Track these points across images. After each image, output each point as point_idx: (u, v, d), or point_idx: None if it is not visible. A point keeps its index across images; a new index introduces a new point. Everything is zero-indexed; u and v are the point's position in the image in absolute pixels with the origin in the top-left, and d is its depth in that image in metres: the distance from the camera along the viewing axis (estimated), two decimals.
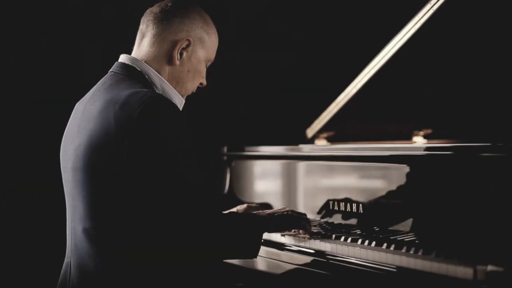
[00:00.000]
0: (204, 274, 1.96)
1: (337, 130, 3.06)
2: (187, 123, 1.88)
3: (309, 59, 3.79)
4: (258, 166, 2.87)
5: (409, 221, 2.10)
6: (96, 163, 1.85)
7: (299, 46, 3.83)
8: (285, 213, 2.12)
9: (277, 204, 2.71)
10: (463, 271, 1.64)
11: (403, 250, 1.88)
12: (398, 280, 1.83)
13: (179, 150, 1.84)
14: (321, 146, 3.01)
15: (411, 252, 1.85)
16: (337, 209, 2.37)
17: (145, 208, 1.82)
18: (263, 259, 2.32)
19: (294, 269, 2.22)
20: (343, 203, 2.33)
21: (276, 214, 2.10)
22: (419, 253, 1.83)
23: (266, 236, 2.31)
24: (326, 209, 2.43)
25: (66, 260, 1.97)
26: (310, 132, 3.05)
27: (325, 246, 2.11)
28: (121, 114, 1.83)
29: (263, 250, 2.29)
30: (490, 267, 1.60)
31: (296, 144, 2.75)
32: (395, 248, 1.92)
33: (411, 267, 1.79)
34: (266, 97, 3.75)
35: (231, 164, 2.95)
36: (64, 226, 2.01)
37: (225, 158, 2.96)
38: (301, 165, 2.63)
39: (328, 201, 2.41)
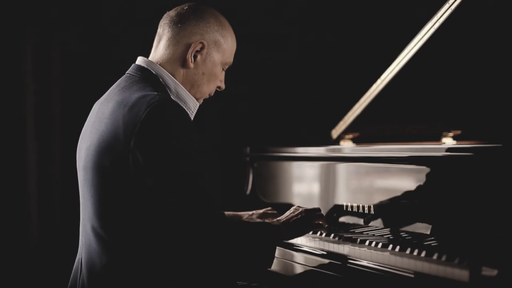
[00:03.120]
0: (211, 275, 1.94)
1: (363, 131, 3.03)
2: (208, 125, 1.89)
3: (332, 59, 3.76)
4: (281, 167, 2.87)
5: (421, 223, 2.07)
6: (104, 164, 1.88)
7: (320, 47, 3.81)
8: (299, 216, 2.09)
9: (301, 206, 2.70)
10: (459, 274, 1.62)
11: (407, 252, 1.86)
12: (400, 281, 1.81)
13: (184, 154, 1.84)
14: (348, 147, 2.97)
15: (414, 254, 1.84)
16: (350, 210, 2.36)
17: (149, 210, 1.84)
18: (278, 260, 2.32)
19: (309, 270, 2.21)
20: (360, 205, 2.31)
21: (290, 221, 2.07)
22: (422, 255, 1.81)
23: None
24: (343, 211, 2.41)
25: (77, 256, 2.02)
26: (335, 133, 3.03)
27: (335, 247, 2.12)
28: (129, 116, 1.85)
29: (278, 250, 2.30)
30: (485, 269, 1.57)
31: (319, 145, 2.74)
32: (399, 250, 1.90)
33: (412, 269, 1.78)
34: (288, 99, 3.75)
35: (253, 164, 2.95)
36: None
37: (247, 158, 2.97)
38: (325, 166, 2.61)
39: (349, 202, 2.39)
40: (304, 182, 2.75)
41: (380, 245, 1.98)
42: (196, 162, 1.86)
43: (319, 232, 2.29)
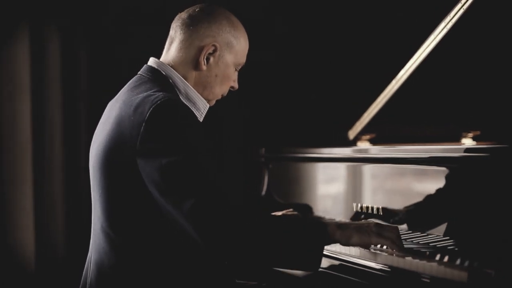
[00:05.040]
0: (216, 277, 1.94)
1: (380, 132, 3.00)
2: (223, 126, 1.88)
3: (347, 60, 3.74)
4: (297, 168, 2.86)
5: (440, 225, 2.04)
6: (111, 164, 1.90)
7: (332, 47, 3.79)
8: (366, 226, 1.86)
9: (316, 207, 2.70)
10: (458, 275, 1.60)
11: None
12: (401, 282, 1.81)
13: (190, 153, 1.82)
14: (367, 147, 2.94)
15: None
16: (360, 211, 2.36)
17: (156, 211, 1.84)
18: None
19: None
20: (371, 206, 2.31)
21: (352, 226, 1.87)
22: (423, 256, 1.80)
23: None
24: (358, 213, 2.40)
25: (88, 254, 2.05)
26: (352, 133, 3.01)
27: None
28: (134, 116, 1.86)
29: None
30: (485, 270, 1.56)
31: (336, 146, 2.72)
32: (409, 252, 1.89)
33: (413, 269, 1.77)
34: (303, 100, 3.74)
35: (269, 165, 2.95)
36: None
37: (263, 159, 2.96)
38: (342, 167, 2.60)
39: (365, 204, 2.38)
40: (320, 184, 2.74)
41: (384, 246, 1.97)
42: (203, 161, 1.83)
43: None
